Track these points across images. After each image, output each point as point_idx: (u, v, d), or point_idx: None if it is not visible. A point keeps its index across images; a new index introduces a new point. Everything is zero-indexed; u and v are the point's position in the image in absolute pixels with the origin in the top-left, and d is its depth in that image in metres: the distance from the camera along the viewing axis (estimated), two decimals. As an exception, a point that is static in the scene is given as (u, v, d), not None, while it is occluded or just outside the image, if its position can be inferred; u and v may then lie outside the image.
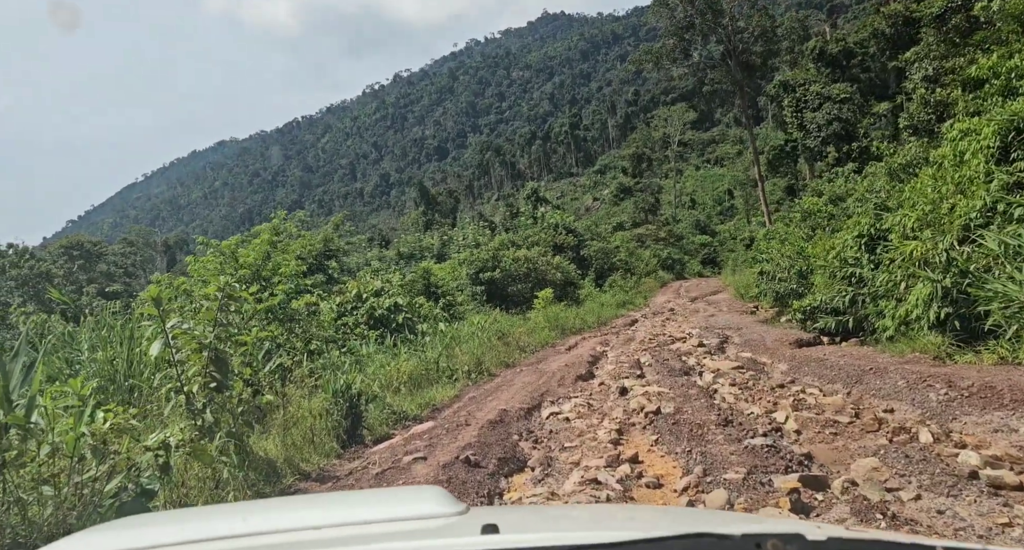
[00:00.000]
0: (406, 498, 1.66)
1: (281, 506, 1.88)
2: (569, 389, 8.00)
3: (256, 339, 5.07)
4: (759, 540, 0.89)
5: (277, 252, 7.98)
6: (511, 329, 15.02)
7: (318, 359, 7.44)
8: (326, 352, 7.97)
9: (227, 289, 4.09)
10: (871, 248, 11.41)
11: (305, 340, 7.63)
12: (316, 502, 1.92)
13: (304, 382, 5.77)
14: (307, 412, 5.42)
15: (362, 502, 1.76)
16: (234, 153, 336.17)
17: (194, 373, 3.91)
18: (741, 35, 37.27)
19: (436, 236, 46.23)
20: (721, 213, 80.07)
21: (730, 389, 6.75)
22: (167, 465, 3.08)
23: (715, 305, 26.01)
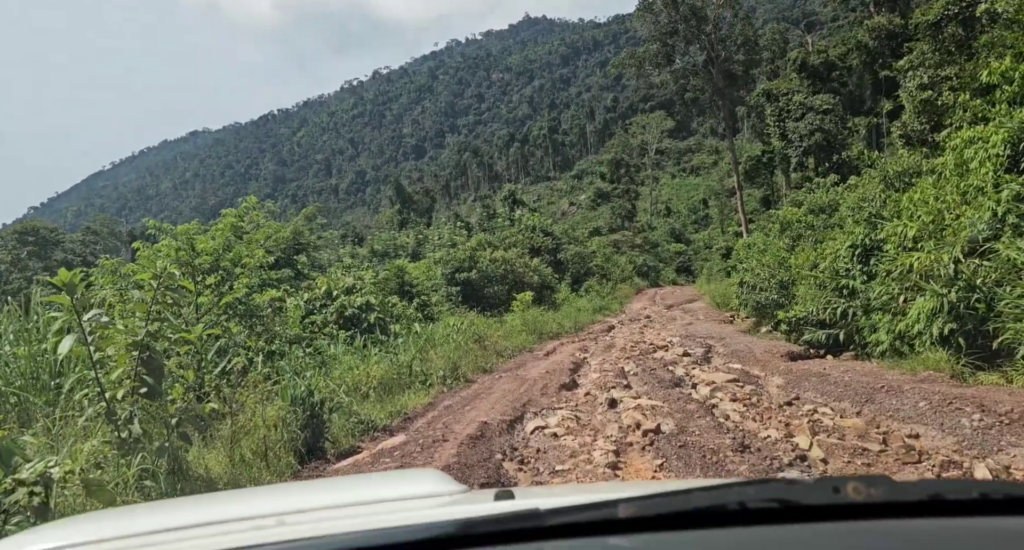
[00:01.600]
0: (405, 480, 1.64)
1: (269, 493, 1.83)
2: (553, 399, 7.41)
3: (203, 337, 4.39)
4: (837, 484, 0.79)
5: (243, 242, 7.24)
6: (488, 332, 14.40)
7: (280, 360, 6.73)
8: (289, 353, 7.25)
9: (164, 278, 3.40)
10: (864, 259, 11.05)
11: (267, 339, 6.90)
12: (303, 489, 1.86)
13: (260, 387, 5.07)
14: (260, 422, 4.73)
15: (359, 485, 1.70)
16: (207, 144, 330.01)
17: (119, 376, 3.22)
18: (724, 43, 37.25)
19: (411, 235, 45.39)
20: (696, 222, 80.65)
21: (733, 405, 6.21)
22: (44, 506, 2.38)
23: (692, 313, 25.82)
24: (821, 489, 0.81)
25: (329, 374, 7.09)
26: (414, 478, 1.65)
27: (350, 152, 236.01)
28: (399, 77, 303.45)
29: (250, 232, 7.34)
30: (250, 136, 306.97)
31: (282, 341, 7.15)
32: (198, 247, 6.64)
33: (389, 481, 1.75)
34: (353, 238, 57.41)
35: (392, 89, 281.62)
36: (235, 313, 6.84)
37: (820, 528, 0.81)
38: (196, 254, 6.60)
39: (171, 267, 6.65)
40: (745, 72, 37.74)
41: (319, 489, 1.73)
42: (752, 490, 0.84)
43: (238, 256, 6.87)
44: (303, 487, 2.04)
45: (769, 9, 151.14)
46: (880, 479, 0.81)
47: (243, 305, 6.81)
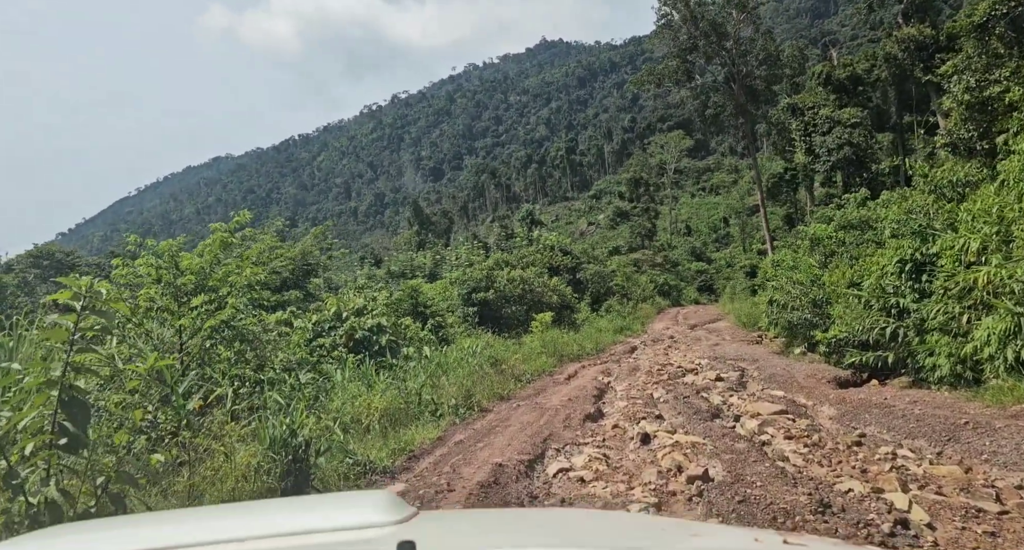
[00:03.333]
0: (351, 504, 1.63)
1: (217, 513, 1.86)
2: (577, 432, 6.58)
3: (154, 368, 3.68)
4: None
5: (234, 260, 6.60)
6: (505, 355, 13.58)
7: (271, 390, 6.00)
8: (285, 381, 6.51)
9: (90, 295, 2.69)
10: (915, 275, 10.12)
11: (256, 367, 6.17)
12: (251, 510, 1.85)
13: (228, 428, 4.32)
14: (230, 470, 3.98)
15: (303, 509, 1.67)
16: (229, 169, 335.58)
17: (29, 426, 2.49)
18: (745, 58, 36.56)
19: (429, 255, 44.94)
20: (716, 241, 79.75)
21: (790, 445, 5.34)
22: None
23: (717, 333, 24.95)
24: None
25: (325, 406, 6.34)
26: (359, 502, 1.60)
27: (369, 175, 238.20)
28: (417, 101, 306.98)
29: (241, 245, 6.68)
30: (271, 161, 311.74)
31: (276, 369, 6.41)
32: (182, 265, 5.99)
33: (333, 504, 1.68)
34: (372, 260, 57.24)
35: (410, 113, 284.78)
36: (223, 338, 6.15)
37: None
38: (180, 273, 5.94)
39: (150, 287, 6.02)
40: (767, 88, 36.94)
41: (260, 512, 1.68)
42: None
43: (226, 274, 6.20)
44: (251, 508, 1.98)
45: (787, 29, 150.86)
46: None
47: (231, 329, 6.12)
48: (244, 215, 6.56)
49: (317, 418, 5.29)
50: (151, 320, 5.84)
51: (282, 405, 5.34)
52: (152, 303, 5.81)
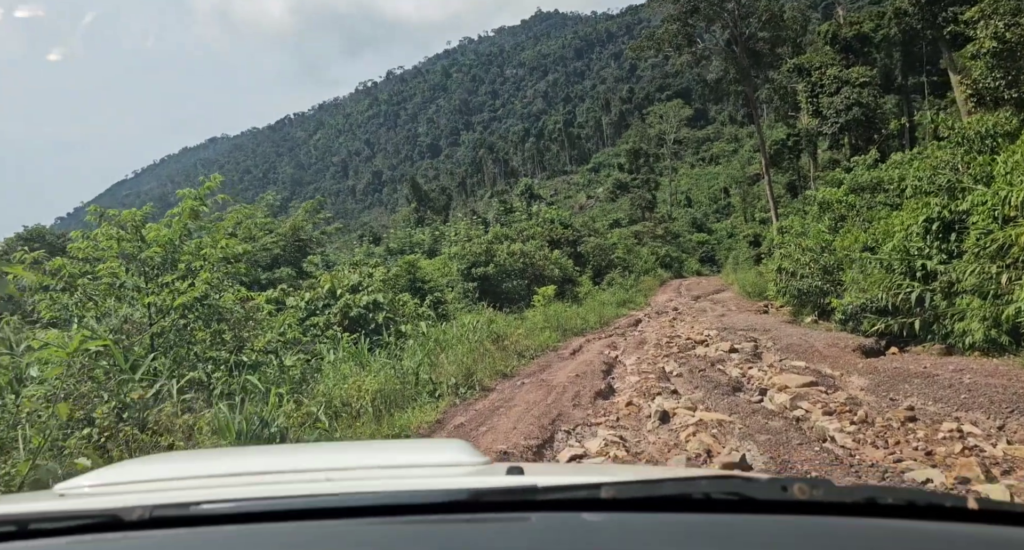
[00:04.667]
0: (431, 448, 1.91)
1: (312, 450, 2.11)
2: (588, 412, 6.03)
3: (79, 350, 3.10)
4: (785, 484, 0.92)
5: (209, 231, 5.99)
6: (507, 330, 13.03)
7: (251, 374, 5.43)
8: (268, 363, 5.93)
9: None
10: (943, 235, 9.49)
11: (234, 348, 5.56)
12: (344, 448, 2.08)
13: (179, 422, 3.75)
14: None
15: (388, 449, 1.91)
16: (225, 150, 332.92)
17: None
18: (748, 20, 35.40)
19: (427, 232, 44.32)
20: (717, 211, 79.06)
21: (831, 421, 4.75)
22: None
23: (722, 304, 24.51)
24: (773, 487, 0.93)
25: (311, 390, 5.77)
26: (441, 447, 1.82)
27: (366, 153, 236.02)
28: (413, 77, 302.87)
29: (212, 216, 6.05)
30: (267, 140, 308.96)
31: (255, 350, 5.82)
32: (148, 237, 5.36)
33: (418, 449, 1.94)
34: (371, 238, 56.61)
35: (406, 89, 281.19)
36: (198, 317, 5.56)
37: (770, 520, 0.91)
38: (145, 245, 5.32)
39: (112, 261, 5.40)
40: (771, 50, 35.83)
41: (355, 450, 1.88)
42: (715, 483, 0.97)
43: (198, 247, 5.58)
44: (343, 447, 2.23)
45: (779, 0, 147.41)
46: (823, 481, 0.93)
47: (205, 307, 5.51)
48: (215, 179, 5.92)
49: (297, 404, 4.72)
50: (114, 298, 5.25)
51: (260, 390, 4.78)
52: (115, 279, 5.21)
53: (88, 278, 5.23)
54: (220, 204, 6.71)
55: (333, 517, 0.94)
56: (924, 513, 0.91)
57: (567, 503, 0.95)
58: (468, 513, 0.94)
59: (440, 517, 0.94)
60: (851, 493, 0.92)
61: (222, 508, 0.96)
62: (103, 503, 1.13)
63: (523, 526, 0.92)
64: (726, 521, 0.92)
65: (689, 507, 0.93)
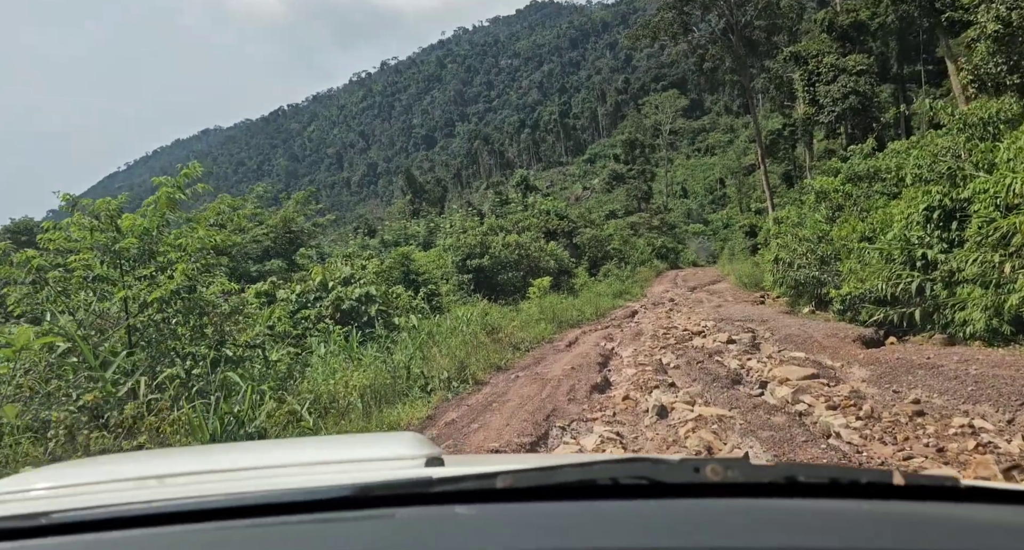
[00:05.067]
0: (383, 442, 1.76)
1: (261, 447, 1.98)
2: (584, 406, 5.85)
3: (29, 347, 2.89)
4: (697, 465, 0.88)
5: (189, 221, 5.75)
6: (502, 322, 12.85)
7: (235, 369, 5.22)
8: (252, 358, 5.72)
9: None
10: (944, 224, 9.32)
11: (215, 343, 5.33)
12: (296, 445, 2.02)
13: (146, 424, 3.54)
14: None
15: (339, 444, 1.80)
16: (219, 142, 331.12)
17: None
18: (744, 8, 35.07)
19: (423, 224, 44.08)
20: (713, 202, 79.12)
21: (836, 416, 4.57)
22: None
23: (718, 295, 24.40)
24: (684, 469, 0.88)
25: (296, 386, 5.57)
26: (392, 440, 1.72)
27: (361, 145, 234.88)
28: (407, 68, 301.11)
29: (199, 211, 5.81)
30: (261, 132, 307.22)
31: (238, 344, 5.60)
32: (123, 226, 5.12)
33: (370, 443, 1.84)
34: (366, 230, 56.35)
35: (400, 80, 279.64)
36: (177, 311, 5.34)
37: (680, 504, 0.86)
38: (120, 235, 5.08)
39: (85, 253, 5.18)
40: (767, 38, 35.53)
41: (307, 446, 1.82)
42: (621, 467, 0.92)
43: (176, 238, 5.34)
44: (296, 443, 2.18)
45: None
46: (738, 462, 0.89)
47: (183, 300, 5.28)
48: (194, 167, 5.68)
49: (279, 402, 4.52)
50: (87, 291, 5.03)
51: (241, 387, 4.58)
52: (89, 272, 4.99)
53: (59, 271, 5.02)
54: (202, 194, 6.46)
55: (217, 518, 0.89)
56: (848, 491, 0.87)
57: (460, 495, 0.90)
58: (352, 510, 0.89)
59: (310, 516, 0.89)
60: (768, 472, 0.87)
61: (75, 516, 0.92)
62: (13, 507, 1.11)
63: (383, 523, 0.87)
64: (634, 507, 0.86)
65: (595, 494, 0.88)
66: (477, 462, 1.56)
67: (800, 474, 0.86)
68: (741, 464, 0.87)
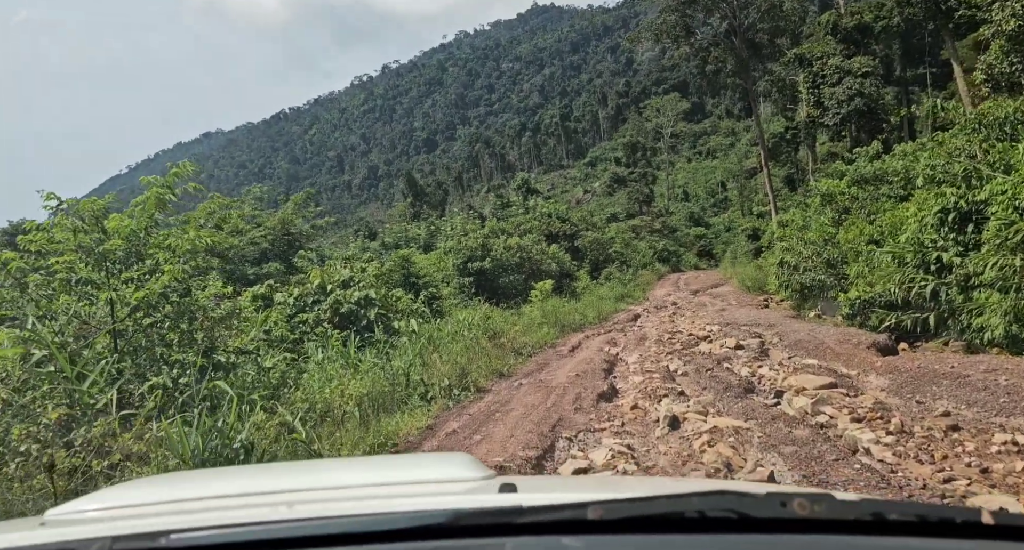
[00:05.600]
0: (433, 463, 1.82)
1: (311, 468, 1.98)
2: (591, 416, 5.59)
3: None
4: (784, 499, 0.88)
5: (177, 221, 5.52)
6: (504, 327, 12.60)
7: (226, 377, 4.96)
8: (242, 365, 5.46)
9: None
10: (959, 226, 9.06)
11: (204, 350, 5.06)
12: (345, 466, 2.03)
13: (120, 444, 3.27)
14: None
15: (388, 466, 1.82)
16: (220, 145, 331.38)
17: None
18: (747, 10, 34.88)
19: (423, 226, 43.89)
20: (715, 205, 78.97)
21: (863, 430, 4.30)
22: None
23: (721, 298, 24.16)
24: (771, 503, 0.87)
25: (289, 395, 5.31)
26: (443, 462, 1.74)
27: (362, 148, 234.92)
28: (408, 71, 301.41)
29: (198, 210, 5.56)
30: (262, 135, 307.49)
31: (230, 351, 5.34)
32: (109, 227, 4.87)
33: (419, 464, 1.85)
34: (367, 233, 56.17)
35: (402, 83, 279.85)
36: (165, 316, 5.07)
37: (768, 539, 0.86)
38: (105, 236, 4.83)
39: (69, 255, 4.92)
40: (770, 41, 35.33)
41: (355, 467, 1.85)
42: (710, 500, 0.92)
43: (165, 238, 5.08)
44: (343, 464, 2.21)
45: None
46: (825, 496, 0.88)
47: (174, 303, 5.02)
48: (185, 167, 5.43)
49: (270, 413, 4.26)
50: (70, 294, 4.78)
51: (231, 396, 4.33)
52: (72, 274, 4.74)
53: (41, 273, 4.77)
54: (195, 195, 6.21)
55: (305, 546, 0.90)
56: (935, 530, 0.86)
57: (552, 525, 0.91)
58: (444, 539, 0.90)
59: (413, 545, 0.89)
60: (855, 509, 0.87)
61: (187, 538, 0.94)
62: (79, 533, 1.11)
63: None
64: (722, 542, 0.87)
65: (683, 527, 0.88)
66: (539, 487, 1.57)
67: (889, 512, 0.85)
68: (827, 499, 0.86)
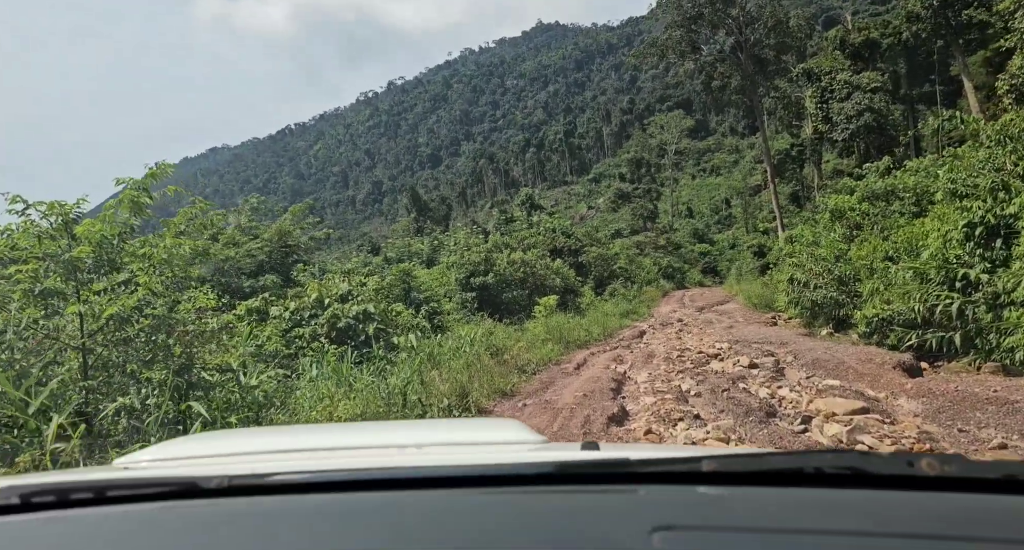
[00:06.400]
0: (487, 426, 1.83)
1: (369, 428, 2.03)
2: (601, 442, 5.14)
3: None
4: (911, 459, 0.86)
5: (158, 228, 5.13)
6: (507, 343, 12.15)
7: (204, 398, 4.52)
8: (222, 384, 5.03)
9: None
10: (985, 242, 8.64)
11: (180, 367, 4.61)
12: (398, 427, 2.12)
13: None
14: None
15: (443, 427, 1.87)
16: (226, 160, 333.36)
17: None
18: (753, 26, 34.79)
19: (426, 241, 43.60)
20: (719, 222, 78.84)
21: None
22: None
23: (728, 315, 23.68)
24: (896, 461, 0.87)
25: (275, 415, 4.87)
26: (497, 426, 1.72)
27: (366, 163, 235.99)
28: (413, 87, 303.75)
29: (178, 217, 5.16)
30: (268, 150, 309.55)
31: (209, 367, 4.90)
32: (77, 232, 4.46)
33: (474, 427, 1.84)
34: (370, 248, 55.97)
35: (407, 99, 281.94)
36: (141, 330, 4.64)
37: (890, 495, 0.84)
38: (75, 242, 4.41)
39: (33, 262, 4.52)
40: (776, 57, 35.21)
41: (414, 427, 1.89)
42: (828, 457, 0.91)
43: (139, 246, 4.66)
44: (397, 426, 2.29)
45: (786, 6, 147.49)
46: (955, 457, 0.85)
47: (147, 316, 4.58)
48: (163, 167, 5.04)
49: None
50: (35, 306, 4.37)
51: (207, 419, 3.89)
52: (37, 284, 4.34)
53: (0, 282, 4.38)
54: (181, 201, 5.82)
55: (416, 488, 0.91)
56: None
57: (665, 478, 0.90)
58: (560, 485, 0.89)
59: (537, 488, 0.89)
60: (989, 468, 0.86)
61: (300, 478, 0.94)
62: (177, 472, 1.10)
63: (632, 498, 0.87)
64: (842, 497, 0.84)
65: (800, 482, 0.86)
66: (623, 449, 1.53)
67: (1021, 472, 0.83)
68: (957, 459, 0.84)
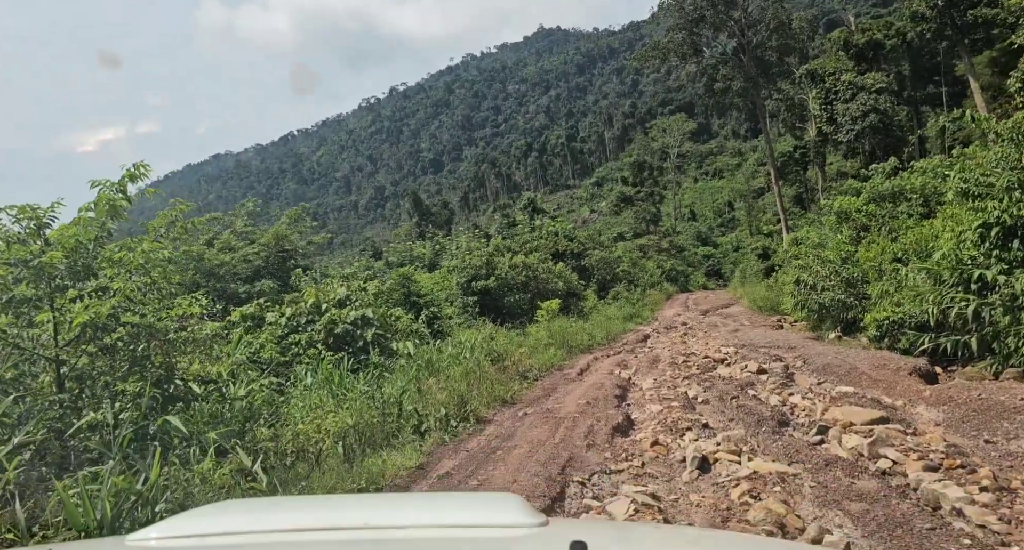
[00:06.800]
0: (483, 504, 1.73)
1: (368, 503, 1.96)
2: (606, 454, 4.86)
3: None
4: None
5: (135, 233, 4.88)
6: (508, 348, 11.87)
7: (185, 411, 4.26)
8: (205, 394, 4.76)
9: None
10: (1002, 243, 8.35)
11: (160, 379, 4.34)
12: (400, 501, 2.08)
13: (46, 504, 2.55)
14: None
15: (435, 505, 1.79)
16: (229, 166, 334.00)
17: None
18: (756, 28, 34.55)
19: (428, 245, 43.39)
20: (722, 225, 78.73)
21: (945, 483, 3.54)
22: None
23: (733, 318, 23.39)
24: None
25: (260, 427, 4.60)
26: (494, 504, 1.70)
27: (369, 168, 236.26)
28: (416, 93, 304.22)
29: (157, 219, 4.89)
30: (271, 156, 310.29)
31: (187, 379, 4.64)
32: (51, 236, 4.22)
33: (468, 504, 1.79)
34: (372, 253, 55.83)
35: (409, 105, 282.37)
36: (119, 340, 4.38)
37: None
38: (47, 246, 4.17)
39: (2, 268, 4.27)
40: (779, 59, 34.95)
41: (405, 504, 1.81)
42: None
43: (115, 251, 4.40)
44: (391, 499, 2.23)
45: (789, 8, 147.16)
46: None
47: (125, 325, 4.33)
48: (140, 168, 4.78)
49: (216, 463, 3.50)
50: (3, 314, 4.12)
51: (184, 435, 3.63)
52: (7, 292, 4.09)
53: (-35, 289, 4.14)
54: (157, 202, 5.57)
55: None
56: None
57: None
58: None
59: None
60: None
61: None
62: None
63: None
64: None
65: None
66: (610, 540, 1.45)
67: None
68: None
